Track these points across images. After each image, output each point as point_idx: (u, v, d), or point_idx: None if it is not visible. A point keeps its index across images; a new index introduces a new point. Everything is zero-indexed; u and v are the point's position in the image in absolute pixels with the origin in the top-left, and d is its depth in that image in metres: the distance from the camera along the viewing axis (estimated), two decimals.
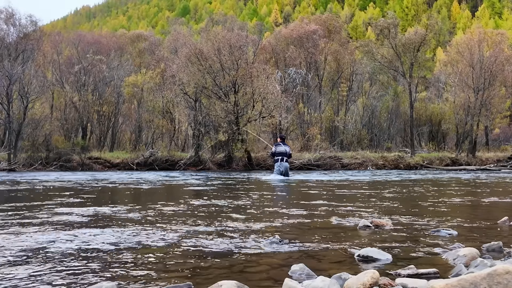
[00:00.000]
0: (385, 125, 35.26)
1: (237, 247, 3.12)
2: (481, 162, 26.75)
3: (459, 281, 1.84)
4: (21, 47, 28.01)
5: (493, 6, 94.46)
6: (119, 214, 4.91)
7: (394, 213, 4.95)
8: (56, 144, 23.94)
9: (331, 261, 2.73)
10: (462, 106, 28.68)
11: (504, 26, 68.90)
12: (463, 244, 3.08)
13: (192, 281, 2.24)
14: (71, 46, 32.96)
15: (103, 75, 30.18)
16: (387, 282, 2.08)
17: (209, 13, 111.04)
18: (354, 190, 8.80)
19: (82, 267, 2.57)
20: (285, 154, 13.49)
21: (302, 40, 31.83)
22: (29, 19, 29.71)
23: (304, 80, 30.51)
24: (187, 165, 22.97)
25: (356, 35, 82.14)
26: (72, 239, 3.42)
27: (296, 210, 5.34)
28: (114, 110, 30.67)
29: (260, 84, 23.03)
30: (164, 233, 3.67)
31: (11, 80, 22.24)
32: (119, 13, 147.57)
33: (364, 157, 25.54)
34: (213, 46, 23.90)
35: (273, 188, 9.93)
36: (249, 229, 3.90)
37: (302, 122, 30.58)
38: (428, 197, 7.40)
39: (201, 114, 24.35)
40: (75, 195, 8.03)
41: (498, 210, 5.56)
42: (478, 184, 10.93)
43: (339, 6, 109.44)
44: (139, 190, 8.98)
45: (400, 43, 28.85)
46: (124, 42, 36.39)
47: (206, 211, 5.20)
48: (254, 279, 2.33)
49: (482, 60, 27.45)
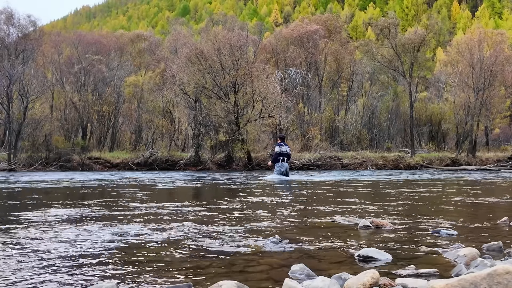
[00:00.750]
0: (385, 125, 35.26)
1: (237, 247, 3.12)
2: (481, 162, 26.74)
3: (459, 281, 1.84)
4: (21, 47, 28.01)
5: (493, 6, 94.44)
6: (119, 214, 4.91)
7: (394, 213, 4.95)
8: (56, 144, 23.93)
9: (331, 261, 2.73)
10: (462, 106, 28.67)
11: (504, 26, 68.87)
12: (463, 244, 3.08)
13: (192, 281, 2.24)
14: (71, 46, 32.95)
15: (103, 75, 30.18)
16: (387, 282, 2.08)
17: (209, 13, 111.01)
18: (354, 190, 8.80)
19: (82, 267, 2.57)
20: (286, 154, 13.48)
21: (303, 40, 31.83)
22: (28, 19, 29.76)
23: (304, 80, 30.51)
24: (187, 165, 22.97)
25: (356, 35, 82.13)
26: (72, 239, 3.42)
27: (296, 210, 5.34)
28: (114, 110, 30.66)
29: (260, 84, 23.03)
30: (164, 233, 3.67)
31: (11, 80, 22.23)
32: (119, 13, 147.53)
33: (364, 157, 25.53)
34: (213, 46, 23.89)
35: (273, 188, 9.92)
36: (249, 229, 3.90)
37: (302, 122, 30.57)
38: (428, 197, 7.39)
39: (201, 114, 24.34)
40: (74, 195, 8.03)
41: (498, 210, 5.56)
42: (478, 184, 10.93)
43: (339, 6, 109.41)
44: (139, 190, 8.98)
45: (400, 43, 28.83)
46: (124, 42, 36.40)
47: (206, 211, 5.20)
48: (254, 279, 2.33)
49: (482, 60, 27.43)
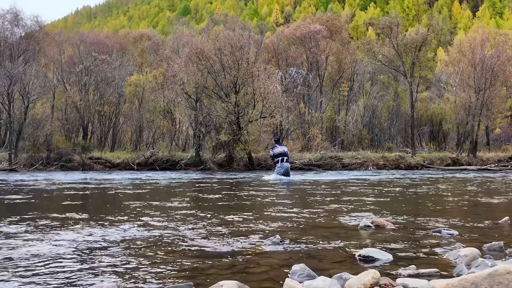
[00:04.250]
0: (386, 125, 35.22)
1: (237, 247, 3.12)
2: (482, 162, 26.69)
3: (460, 281, 1.83)
4: (23, 47, 28.04)
5: (494, 6, 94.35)
6: (118, 215, 4.91)
7: (395, 213, 4.94)
8: (57, 144, 23.90)
9: (332, 261, 2.73)
10: (463, 106, 28.61)
11: (505, 26, 68.73)
12: (464, 244, 3.08)
13: (193, 281, 2.25)
14: (73, 46, 32.95)
15: (105, 75, 30.19)
16: (388, 282, 2.08)
17: (210, 13, 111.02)
18: (355, 190, 8.79)
19: (82, 267, 2.58)
20: (285, 154, 13.34)
21: (305, 39, 31.82)
22: (35, 19, 29.95)
23: (305, 80, 30.50)
24: (188, 165, 22.95)
25: (357, 35, 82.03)
26: (72, 239, 3.43)
27: (297, 210, 5.34)
28: (115, 110, 30.66)
29: (261, 84, 23.00)
30: (164, 233, 3.68)
31: (12, 80, 22.24)
32: (120, 13, 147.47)
33: (365, 157, 25.48)
34: (214, 46, 23.86)
35: (273, 188, 9.92)
36: (249, 229, 3.90)
37: (303, 122, 30.54)
38: (429, 197, 7.39)
39: (202, 114, 24.33)
40: (74, 195, 8.04)
41: (499, 210, 5.56)
42: (479, 184, 10.91)
43: (339, 6, 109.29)
44: (139, 191, 8.98)
45: (402, 42, 28.79)
46: (127, 42, 36.39)
47: (206, 211, 5.20)
48: (255, 279, 2.33)
49: (483, 60, 27.39)
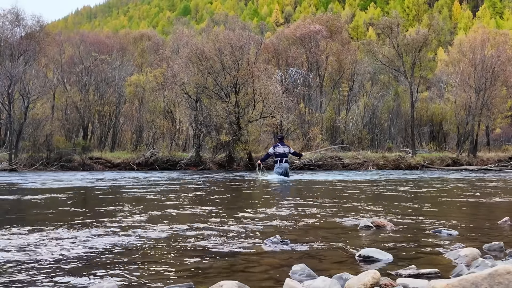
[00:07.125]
0: (386, 125, 35.22)
1: (237, 247, 3.12)
2: (482, 162, 26.68)
3: (460, 281, 1.83)
4: (23, 47, 28.04)
5: (494, 6, 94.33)
6: (119, 215, 4.91)
7: (395, 213, 4.94)
8: (57, 144, 23.90)
9: (332, 261, 2.73)
10: (463, 106, 28.60)
11: (505, 26, 68.70)
12: (464, 244, 3.08)
13: (193, 281, 2.25)
14: (73, 46, 32.95)
15: (105, 75, 30.19)
16: (388, 282, 2.08)
17: (210, 14, 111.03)
18: (355, 190, 8.79)
19: (82, 267, 2.58)
20: (284, 155, 13.36)
21: (305, 40, 31.81)
22: (36, 19, 30.01)
23: (305, 80, 30.49)
24: (188, 165, 22.95)
25: (357, 35, 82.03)
26: (73, 239, 3.43)
27: (297, 210, 5.34)
28: (115, 110, 30.67)
29: (261, 84, 23.00)
30: (164, 233, 3.68)
31: (12, 80, 22.24)
32: (120, 14, 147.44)
33: (365, 157, 25.46)
34: (214, 46, 23.86)
35: (273, 188, 9.92)
36: (249, 229, 3.90)
37: (303, 122, 30.54)
38: (429, 197, 7.39)
39: (202, 114, 24.32)
40: (74, 195, 8.04)
41: (499, 210, 5.56)
42: (479, 184, 10.91)
43: (340, 6, 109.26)
44: (139, 191, 8.98)
45: (403, 43, 28.78)
46: (127, 42, 36.38)
47: (206, 211, 5.20)
48: (255, 279, 2.33)
49: (484, 60, 27.37)
